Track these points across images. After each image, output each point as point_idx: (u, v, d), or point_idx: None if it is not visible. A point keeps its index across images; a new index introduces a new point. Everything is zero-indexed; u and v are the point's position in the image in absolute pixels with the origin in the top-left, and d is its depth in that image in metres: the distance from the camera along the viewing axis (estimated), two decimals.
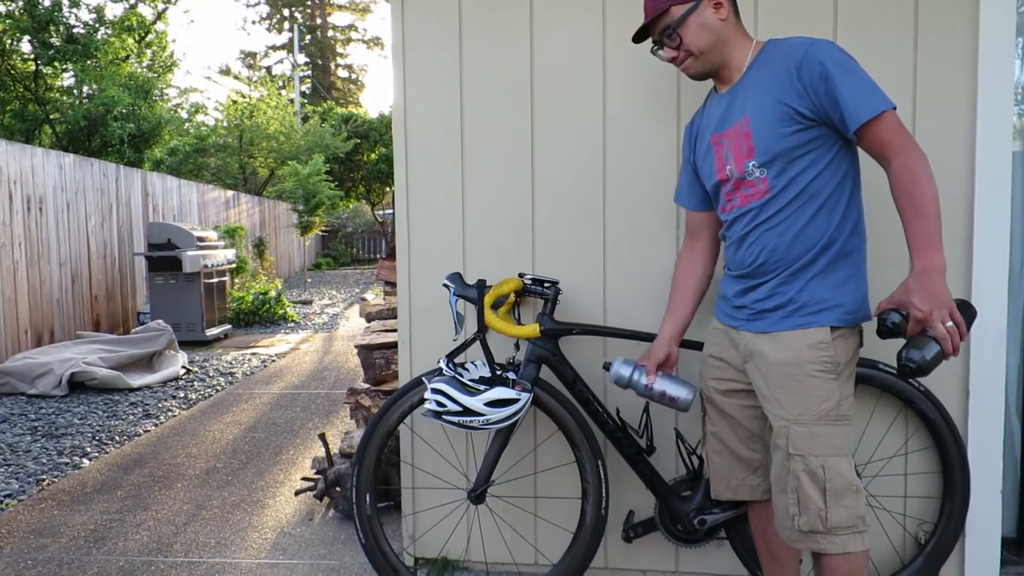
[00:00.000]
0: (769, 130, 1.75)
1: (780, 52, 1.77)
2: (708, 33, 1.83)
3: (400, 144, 2.59)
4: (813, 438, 1.74)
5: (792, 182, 1.76)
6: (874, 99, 1.65)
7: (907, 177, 1.61)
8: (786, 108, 1.72)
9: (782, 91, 1.73)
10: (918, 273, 1.58)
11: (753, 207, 1.82)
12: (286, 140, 17.64)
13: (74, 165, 7.86)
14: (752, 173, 1.80)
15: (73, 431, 4.74)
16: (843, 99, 1.66)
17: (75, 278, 7.75)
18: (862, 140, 1.69)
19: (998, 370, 2.33)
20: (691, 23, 1.83)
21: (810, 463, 1.74)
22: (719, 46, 1.84)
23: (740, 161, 1.82)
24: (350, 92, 38.78)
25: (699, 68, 1.88)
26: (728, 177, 1.86)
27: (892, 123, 1.65)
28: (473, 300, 2.27)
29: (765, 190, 1.79)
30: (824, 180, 1.75)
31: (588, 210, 2.51)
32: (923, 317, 1.56)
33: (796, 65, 1.71)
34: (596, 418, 2.29)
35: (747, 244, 1.85)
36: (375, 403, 3.47)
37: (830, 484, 1.73)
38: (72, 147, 11.55)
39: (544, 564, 2.61)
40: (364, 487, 2.35)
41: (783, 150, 1.74)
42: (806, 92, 1.70)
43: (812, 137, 1.73)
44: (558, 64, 2.49)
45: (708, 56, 1.85)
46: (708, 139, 1.93)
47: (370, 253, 23.94)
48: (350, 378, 6.17)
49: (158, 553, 2.91)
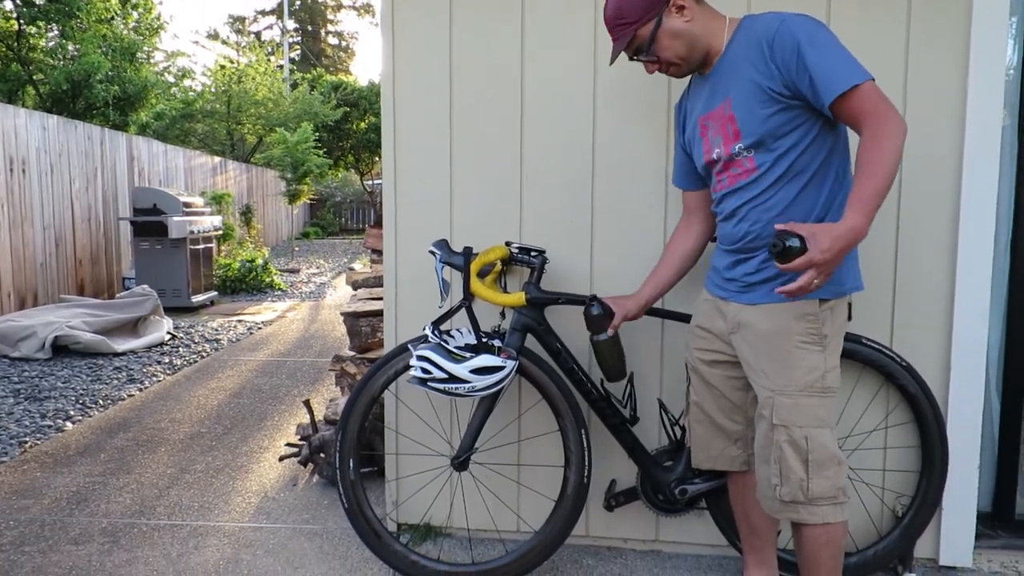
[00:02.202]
0: (752, 112, 1.74)
1: (754, 31, 1.75)
2: (681, 40, 1.81)
3: (388, 111, 2.56)
4: (797, 409, 1.76)
5: (779, 160, 1.75)
6: (845, 73, 1.61)
7: (872, 143, 1.57)
8: (764, 89, 1.71)
9: (758, 71, 1.72)
10: (844, 227, 1.53)
11: (741, 185, 1.83)
12: (274, 107, 17.44)
13: (58, 127, 7.74)
14: (740, 154, 1.80)
15: (56, 394, 4.72)
16: (814, 75, 1.63)
17: (59, 242, 7.67)
18: (837, 115, 1.66)
19: (980, 346, 2.35)
20: (661, 37, 1.81)
21: (793, 434, 1.75)
22: (695, 45, 1.82)
23: (728, 144, 1.82)
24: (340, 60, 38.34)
25: (685, 70, 1.89)
26: (717, 159, 1.87)
27: (867, 95, 1.60)
28: (459, 267, 2.26)
29: (752, 168, 1.79)
30: (810, 156, 1.75)
31: (576, 180, 2.49)
32: (817, 261, 1.51)
33: (768, 44, 1.69)
34: (580, 388, 2.30)
35: (736, 220, 1.86)
36: (360, 370, 3.47)
37: (812, 455, 1.75)
38: (56, 109, 11.37)
39: (526, 531, 2.63)
40: (348, 452, 2.36)
41: (768, 130, 1.74)
42: (779, 71, 1.68)
43: (795, 115, 1.72)
44: (548, 35, 2.45)
45: (689, 57, 1.84)
46: (696, 121, 1.93)
47: (358, 223, 23.82)
48: (336, 346, 6.17)
49: (141, 515, 2.92)
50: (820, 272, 1.53)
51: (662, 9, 1.79)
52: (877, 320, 2.39)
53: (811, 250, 1.51)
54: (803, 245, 1.53)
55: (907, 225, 2.35)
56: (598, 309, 2.14)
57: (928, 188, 2.34)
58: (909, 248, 2.36)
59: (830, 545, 1.80)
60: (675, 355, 2.48)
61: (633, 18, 1.80)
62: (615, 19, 1.83)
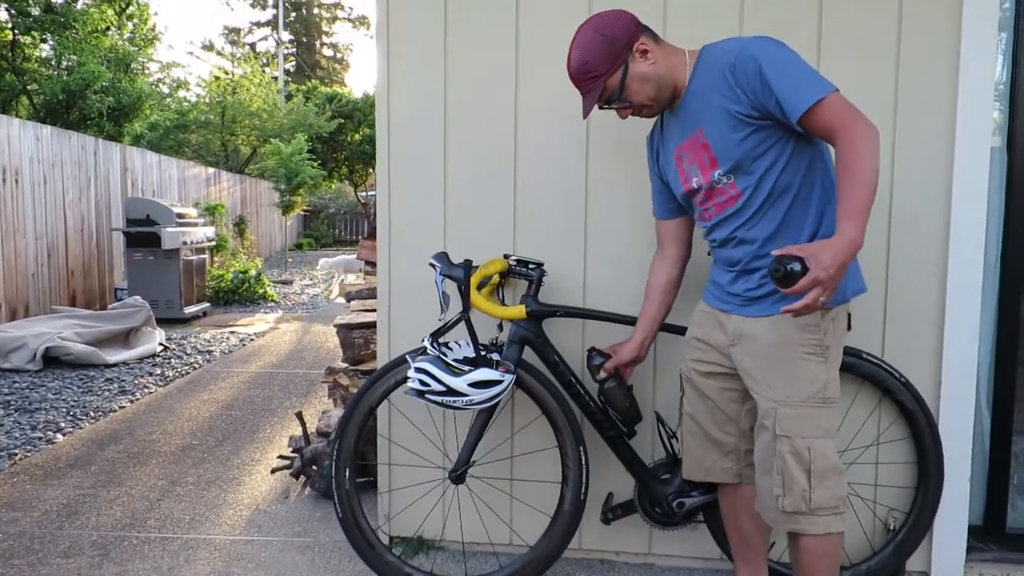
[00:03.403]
0: (724, 138, 1.76)
1: (714, 59, 1.77)
2: (649, 83, 1.83)
3: (383, 122, 2.57)
4: (800, 420, 1.76)
5: (761, 182, 1.77)
6: (809, 88, 1.63)
7: (849, 151, 1.58)
8: (733, 114, 1.73)
9: (725, 98, 1.74)
10: (841, 241, 1.53)
11: (729, 213, 1.84)
12: (269, 118, 17.44)
13: (51, 137, 7.73)
14: (720, 181, 1.82)
15: (47, 406, 4.69)
16: (779, 95, 1.65)
17: (51, 252, 7.63)
18: (808, 129, 1.68)
19: (971, 361, 2.36)
20: (631, 84, 1.83)
21: (796, 444, 1.76)
22: (663, 84, 1.84)
23: (706, 172, 1.84)
24: (335, 71, 38.43)
25: (656, 110, 1.91)
26: (697, 188, 1.88)
27: (833, 106, 1.62)
28: (459, 280, 2.26)
29: (737, 194, 1.81)
30: (791, 173, 1.76)
31: (569, 194, 2.50)
32: (822, 279, 1.51)
33: (730, 70, 1.71)
34: (578, 400, 2.30)
35: (732, 246, 1.88)
36: (353, 382, 3.46)
37: (815, 465, 1.76)
38: (50, 119, 11.34)
39: (519, 544, 2.62)
40: (344, 461, 2.35)
41: (743, 154, 1.75)
42: (746, 95, 1.70)
43: (767, 135, 1.74)
44: (544, 48, 2.47)
45: (660, 97, 1.86)
46: (671, 152, 1.95)
47: (352, 235, 23.81)
48: (328, 358, 6.15)
49: (131, 528, 2.90)
50: (825, 289, 1.53)
51: (627, 57, 1.81)
52: (869, 335, 2.41)
53: (813, 269, 1.51)
54: (804, 267, 1.53)
55: (897, 241, 2.37)
56: (599, 359, 2.23)
57: (918, 204, 2.36)
58: (900, 264, 2.38)
59: (828, 556, 1.81)
60: (670, 367, 2.49)
61: (601, 71, 1.81)
62: (582, 74, 1.83)
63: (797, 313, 1.55)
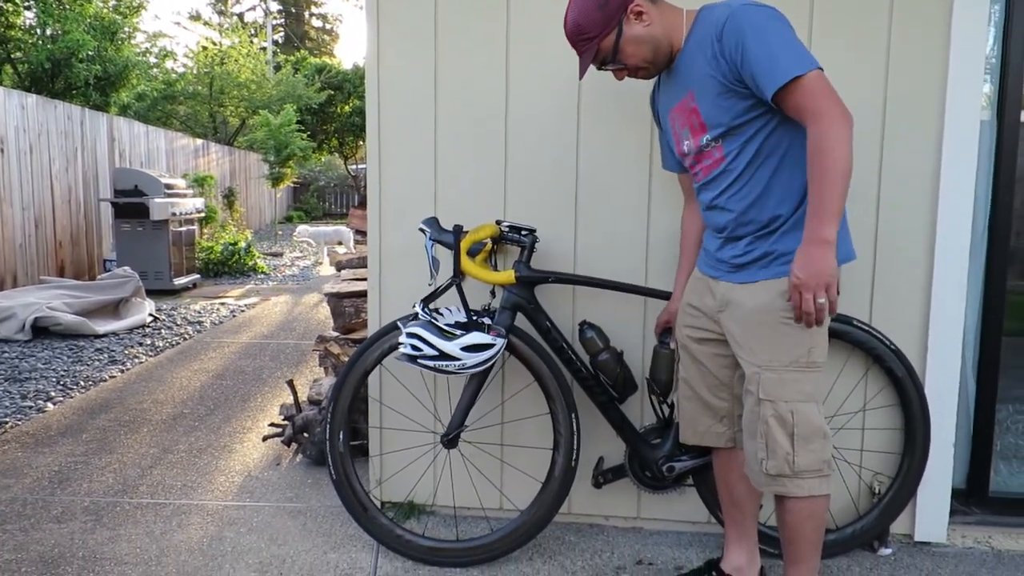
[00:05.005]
0: (713, 104, 1.76)
1: (709, 22, 1.75)
2: (644, 45, 1.82)
3: (372, 87, 2.55)
4: (783, 384, 1.78)
5: (746, 145, 1.77)
6: (787, 64, 1.60)
7: (818, 145, 1.59)
8: (719, 81, 1.73)
9: (710, 65, 1.74)
10: (805, 242, 1.62)
11: (714, 175, 1.85)
12: (257, 89, 17.25)
13: (37, 106, 7.62)
14: (708, 145, 1.83)
15: (37, 375, 4.68)
16: (755, 68, 1.64)
17: (39, 223, 7.57)
18: (781, 106, 1.67)
19: (957, 328, 2.39)
20: (625, 46, 1.82)
21: (779, 408, 1.78)
22: (659, 47, 1.83)
23: (696, 136, 1.85)
24: (324, 42, 37.94)
25: (653, 72, 1.90)
26: (688, 151, 1.90)
27: (809, 88, 1.59)
28: (449, 245, 2.26)
29: (721, 157, 1.82)
30: (777, 138, 1.76)
31: (561, 157, 2.50)
32: (798, 284, 1.62)
33: (717, 36, 1.70)
34: (569, 366, 2.31)
35: (717, 210, 1.89)
36: (344, 351, 3.47)
37: (798, 429, 1.77)
38: (35, 88, 11.16)
39: (510, 509, 2.65)
40: (338, 424, 2.36)
41: (731, 120, 1.76)
42: (726, 63, 1.70)
43: (755, 102, 1.73)
44: (535, 10, 2.45)
45: (655, 59, 1.85)
46: (666, 114, 1.97)
47: (342, 207, 23.65)
48: (319, 329, 6.14)
49: (123, 494, 2.91)
50: (809, 291, 1.61)
51: (621, 18, 1.79)
52: (857, 302, 2.42)
53: (791, 279, 1.64)
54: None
55: (886, 209, 2.38)
56: (590, 331, 2.28)
57: (908, 173, 2.37)
58: (888, 232, 2.39)
59: (813, 518, 1.83)
60: None
61: (594, 32, 1.81)
62: (576, 35, 1.84)
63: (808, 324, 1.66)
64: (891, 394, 2.46)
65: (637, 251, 2.49)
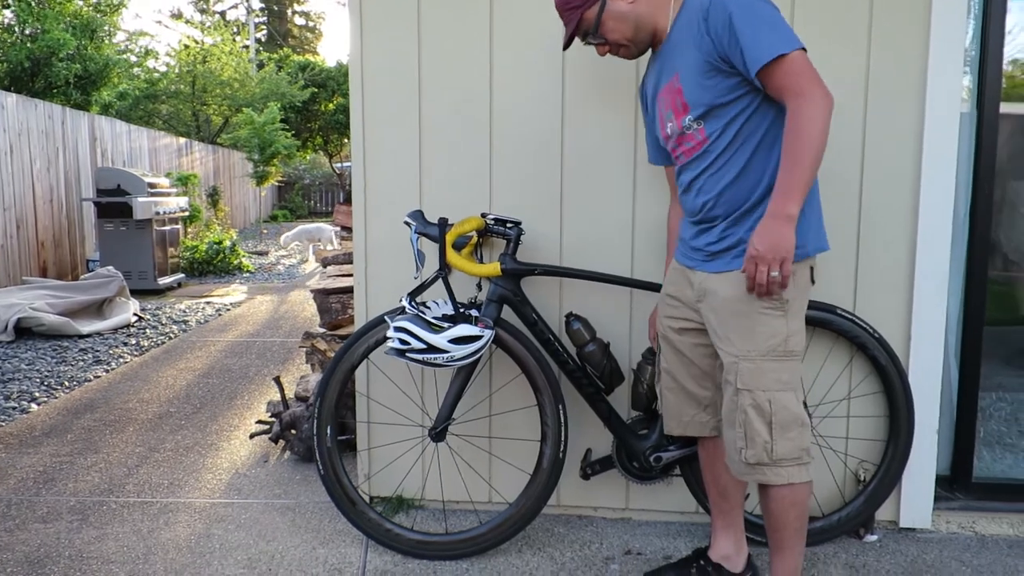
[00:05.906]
0: (697, 84, 1.78)
1: (694, 6, 1.78)
2: (626, 22, 1.86)
3: (356, 81, 2.54)
4: (760, 373, 1.79)
5: (726, 128, 1.79)
6: (772, 43, 1.63)
7: (795, 123, 1.63)
8: (704, 60, 1.75)
9: (696, 45, 1.76)
10: (767, 215, 1.66)
11: (695, 156, 1.87)
12: (241, 87, 17.12)
13: (17, 106, 7.54)
14: (690, 127, 1.84)
15: (20, 376, 4.63)
16: (742, 44, 1.66)
17: (20, 223, 7.49)
18: (764, 85, 1.70)
19: (939, 314, 2.41)
20: (607, 20, 1.86)
21: (757, 397, 1.79)
22: (641, 26, 1.86)
23: (678, 117, 1.86)
24: (307, 40, 37.74)
25: (634, 51, 1.93)
26: (671, 133, 1.91)
27: (792, 67, 1.63)
28: (435, 238, 2.26)
29: (704, 139, 1.83)
30: (757, 122, 1.78)
31: (545, 150, 2.50)
32: (755, 256, 1.66)
33: (704, 16, 1.73)
34: (556, 358, 2.32)
35: (695, 192, 1.90)
36: (331, 347, 3.46)
37: (776, 417, 1.78)
38: (15, 87, 11.03)
39: (498, 502, 2.65)
40: (326, 419, 2.36)
41: (713, 100, 1.77)
42: (713, 42, 1.72)
43: (737, 82, 1.75)
44: (516, 12, 2.45)
45: (637, 38, 1.89)
46: (654, 99, 1.98)
47: (327, 206, 23.55)
48: (305, 326, 6.11)
49: (110, 494, 2.89)
50: (765, 263, 1.65)
51: None
52: (841, 291, 2.44)
53: (748, 250, 1.68)
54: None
55: (869, 196, 2.40)
56: (577, 323, 2.30)
57: (889, 164, 2.39)
58: (871, 222, 2.41)
59: (796, 506, 1.84)
60: (645, 324, 2.51)
61: (579, 2, 1.85)
62: (562, 4, 1.89)
63: (759, 294, 1.70)
64: (875, 382, 2.48)
65: (623, 243, 2.50)
